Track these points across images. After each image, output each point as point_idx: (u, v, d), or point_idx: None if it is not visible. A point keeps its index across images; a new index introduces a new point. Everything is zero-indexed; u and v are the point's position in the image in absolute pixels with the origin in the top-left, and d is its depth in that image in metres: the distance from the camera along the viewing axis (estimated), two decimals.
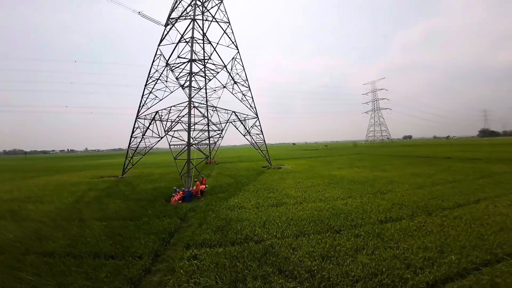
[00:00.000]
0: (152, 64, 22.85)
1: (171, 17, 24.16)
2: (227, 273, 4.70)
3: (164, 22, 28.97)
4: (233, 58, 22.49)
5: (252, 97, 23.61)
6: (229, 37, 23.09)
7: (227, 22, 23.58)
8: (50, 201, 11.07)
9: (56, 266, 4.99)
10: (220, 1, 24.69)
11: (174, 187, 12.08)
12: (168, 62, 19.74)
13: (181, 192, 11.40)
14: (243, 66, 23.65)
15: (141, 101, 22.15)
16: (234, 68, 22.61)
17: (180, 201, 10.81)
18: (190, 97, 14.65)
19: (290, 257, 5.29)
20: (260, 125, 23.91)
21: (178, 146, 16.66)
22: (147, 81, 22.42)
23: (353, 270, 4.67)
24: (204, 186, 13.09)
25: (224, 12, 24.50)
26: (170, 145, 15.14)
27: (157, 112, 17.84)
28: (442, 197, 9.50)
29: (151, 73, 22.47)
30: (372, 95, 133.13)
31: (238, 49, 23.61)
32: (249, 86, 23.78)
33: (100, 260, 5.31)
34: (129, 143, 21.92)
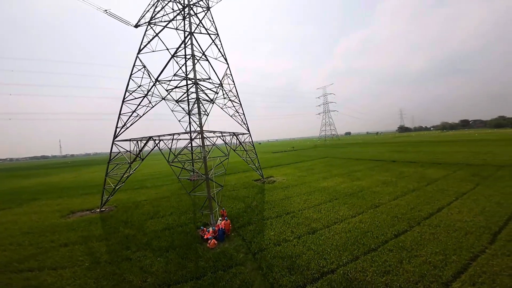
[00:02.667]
0: (130, 76, 20.84)
1: (151, 21, 22.56)
2: None
3: (134, 22, 26.59)
4: (225, 73, 23.06)
5: (243, 113, 24.77)
6: (218, 49, 23.33)
7: (215, 33, 23.78)
8: (62, 266, 9.63)
9: None
10: (207, 8, 24.57)
11: (201, 227, 12.30)
12: (159, 79, 18.68)
13: (211, 231, 11.60)
14: (233, 81, 24.45)
15: (118, 120, 19.90)
16: (227, 83, 23.19)
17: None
18: (201, 126, 14.84)
19: (365, 278, 7.61)
20: (252, 141, 25.41)
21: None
22: (124, 96, 20.29)
23: (410, 277, 7.42)
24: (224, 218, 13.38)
25: (212, 22, 24.53)
26: (180, 179, 14.91)
27: (151, 137, 16.81)
28: (417, 207, 13.90)
29: (129, 87, 20.47)
30: (324, 98, 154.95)
31: (228, 63, 24.21)
32: (240, 101, 24.83)
33: None
34: (107, 171, 19.38)
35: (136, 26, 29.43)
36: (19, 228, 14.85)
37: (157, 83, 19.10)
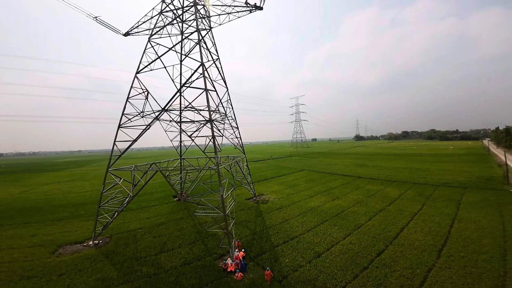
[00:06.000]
0: (127, 99, 20.84)
1: (152, 38, 22.99)
2: None
3: (125, 31, 26.63)
4: (226, 99, 24.85)
5: (240, 137, 26.92)
6: (219, 72, 25.04)
7: (216, 56, 25.34)
8: None
9: None
10: (209, 28, 26.06)
11: (224, 261, 14.13)
12: (167, 108, 19.47)
13: (233, 264, 13.56)
14: (231, 105, 26.36)
15: (113, 147, 19.74)
16: (227, 107, 24.92)
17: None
18: (218, 164, 16.59)
19: None
20: (247, 163, 27.70)
21: None
22: (120, 121, 20.23)
23: (394, 287, 11.13)
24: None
25: (213, 43, 26.04)
26: (194, 215, 16.28)
27: (153, 164, 17.61)
28: (387, 227, 18.58)
29: (126, 110, 20.42)
30: (296, 108, 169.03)
31: (227, 87, 26.04)
32: (237, 125, 26.88)
33: None
34: (100, 202, 18.92)
35: (126, 34, 28.96)
36: (11, 271, 13.87)
37: (164, 112, 19.83)
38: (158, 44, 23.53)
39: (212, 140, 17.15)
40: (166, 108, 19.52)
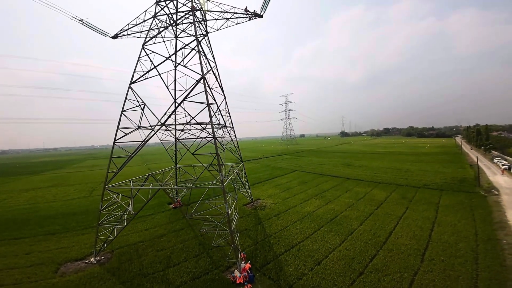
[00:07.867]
0: (122, 111, 20.48)
1: (146, 45, 22.75)
2: None
3: (115, 33, 26.29)
4: (224, 107, 25.25)
5: (238, 145, 27.58)
6: (216, 79, 25.33)
7: (213, 63, 25.54)
8: None
9: None
10: (205, 33, 26.10)
11: (233, 274, 15.05)
12: (166, 123, 19.61)
13: (242, 276, 14.53)
14: (229, 113, 26.81)
15: (109, 163, 19.62)
16: (226, 116, 25.36)
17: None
18: (222, 182, 17.22)
19: None
20: (244, 169, 28.51)
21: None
22: (116, 136, 20.07)
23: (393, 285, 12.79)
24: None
25: (210, 49, 26.14)
26: (201, 231, 16.88)
27: (150, 176, 17.92)
28: (376, 232, 20.52)
29: (121, 124, 20.15)
30: (286, 106, 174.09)
31: (224, 95, 26.43)
32: (235, 133, 27.48)
33: None
34: (98, 220, 18.83)
35: (115, 37, 28.18)
36: None
37: (165, 127, 19.94)
38: (153, 52, 23.15)
39: (216, 157, 17.68)
40: (165, 123, 19.63)
